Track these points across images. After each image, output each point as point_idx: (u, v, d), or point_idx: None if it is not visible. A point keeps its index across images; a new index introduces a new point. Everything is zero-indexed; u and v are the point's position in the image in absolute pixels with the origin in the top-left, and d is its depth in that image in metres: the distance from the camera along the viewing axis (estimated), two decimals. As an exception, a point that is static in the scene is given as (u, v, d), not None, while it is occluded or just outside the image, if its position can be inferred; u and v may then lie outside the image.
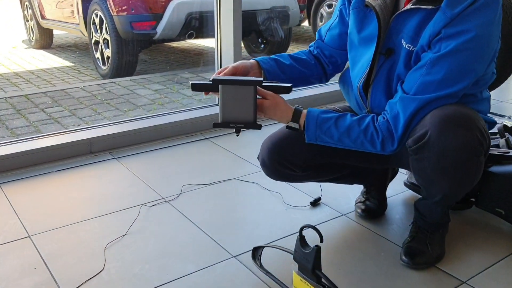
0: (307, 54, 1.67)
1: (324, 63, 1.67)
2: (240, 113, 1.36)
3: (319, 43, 1.68)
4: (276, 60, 1.59)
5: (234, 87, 1.34)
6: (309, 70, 1.65)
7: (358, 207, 1.85)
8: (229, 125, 1.37)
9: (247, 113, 1.36)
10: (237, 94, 1.34)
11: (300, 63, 1.63)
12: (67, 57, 5.49)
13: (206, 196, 1.99)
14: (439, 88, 1.33)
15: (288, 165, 1.61)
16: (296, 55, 1.65)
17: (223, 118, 1.37)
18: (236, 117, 1.36)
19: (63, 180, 2.12)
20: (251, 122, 1.37)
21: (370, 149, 1.42)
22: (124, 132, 2.47)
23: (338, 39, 1.63)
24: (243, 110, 1.35)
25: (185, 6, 4.04)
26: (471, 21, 1.28)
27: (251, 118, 1.36)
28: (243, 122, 1.36)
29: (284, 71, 1.59)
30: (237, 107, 1.35)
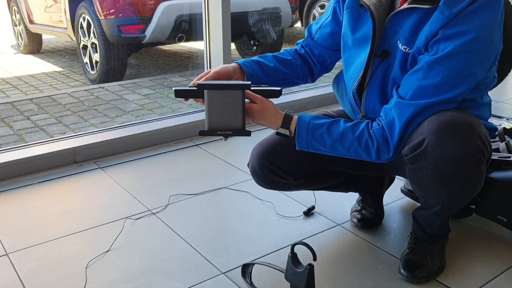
0: (293, 53, 1.58)
1: (311, 62, 1.58)
2: (228, 120, 1.27)
3: (308, 41, 1.59)
4: (259, 63, 1.50)
5: (221, 92, 1.26)
6: (294, 72, 1.56)
7: (354, 216, 1.77)
8: (216, 132, 1.28)
9: (235, 119, 1.27)
10: (224, 100, 1.26)
11: (285, 64, 1.54)
12: (56, 62, 5.39)
13: (195, 207, 1.90)
14: (437, 93, 1.25)
15: (279, 172, 1.52)
16: (281, 56, 1.56)
17: (210, 125, 1.28)
18: (223, 123, 1.28)
19: (45, 192, 2.03)
20: (239, 129, 1.28)
21: (365, 157, 1.34)
22: (110, 140, 2.38)
23: (329, 38, 1.54)
24: (231, 116, 1.27)
25: (174, 8, 3.95)
26: (471, 22, 1.20)
27: (240, 124, 1.28)
28: (231, 129, 1.28)
29: (267, 74, 1.51)
30: (224, 113, 1.27)
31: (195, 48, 5.85)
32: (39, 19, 5.39)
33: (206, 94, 1.26)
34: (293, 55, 1.58)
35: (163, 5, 3.90)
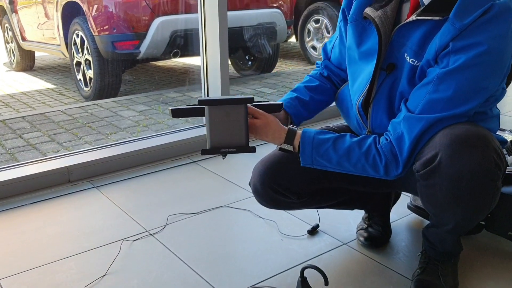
0: (319, 77, 1.56)
1: (336, 82, 1.55)
2: (231, 136, 1.21)
3: (326, 62, 1.56)
4: (298, 99, 1.49)
5: (223, 107, 1.20)
6: (328, 96, 1.54)
7: (360, 234, 1.70)
8: (220, 150, 1.22)
9: (238, 136, 1.21)
10: (226, 116, 1.20)
11: (318, 92, 1.52)
12: (49, 79, 5.32)
13: (194, 227, 1.83)
14: (448, 107, 1.19)
15: (282, 191, 1.46)
16: (311, 84, 1.53)
17: (212, 143, 1.22)
18: (226, 141, 1.22)
19: (38, 213, 1.95)
20: (243, 146, 1.22)
21: (373, 174, 1.28)
22: (105, 159, 2.30)
23: (340, 57, 1.51)
24: (234, 133, 1.21)
25: (169, 24, 3.90)
26: (483, 33, 1.15)
27: (243, 140, 1.22)
28: (234, 146, 1.22)
29: (308, 108, 1.50)
30: (227, 130, 1.21)
31: (190, 63, 5.81)
32: (31, 36, 5.34)
33: (207, 111, 1.21)
34: (320, 79, 1.55)
35: (158, 20, 3.86)
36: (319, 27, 5.60)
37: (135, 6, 3.84)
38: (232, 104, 1.20)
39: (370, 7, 1.30)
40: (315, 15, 5.54)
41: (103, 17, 3.86)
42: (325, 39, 5.59)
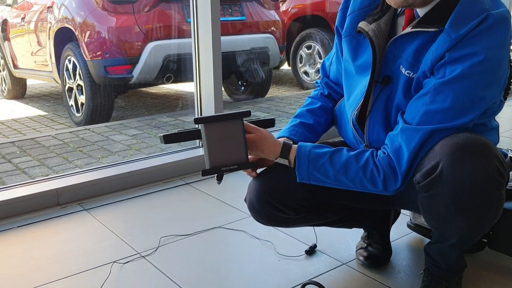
0: (320, 98, 1.53)
1: (337, 99, 1.53)
2: (230, 153, 1.18)
3: (326, 80, 1.54)
4: (302, 125, 1.46)
5: (219, 124, 1.16)
6: (331, 115, 1.52)
7: (360, 254, 1.65)
8: (221, 169, 1.18)
9: (238, 152, 1.18)
10: (223, 133, 1.16)
11: (321, 113, 1.50)
12: (40, 107, 5.28)
13: (188, 249, 1.76)
14: (446, 118, 1.16)
15: (280, 207, 1.41)
16: (313, 107, 1.51)
17: (212, 163, 1.18)
18: (226, 158, 1.18)
19: (25, 236, 1.87)
20: (244, 162, 1.18)
21: (371, 188, 1.24)
22: (95, 181, 2.24)
23: (338, 74, 1.49)
24: (233, 150, 1.17)
25: (162, 48, 3.90)
26: (479, 43, 1.12)
27: (243, 157, 1.18)
28: (235, 163, 1.18)
29: (314, 131, 1.48)
30: (225, 147, 1.17)
31: (182, 90, 5.80)
32: (23, 63, 5.32)
33: (204, 129, 1.17)
34: (321, 99, 1.53)
35: (151, 45, 3.85)
36: (311, 53, 5.64)
37: (128, 31, 3.84)
38: (228, 119, 1.17)
39: (363, 21, 1.29)
40: (307, 41, 5.58)
41: (96, 42, 3.85)
42: (317, 64, 5.62)
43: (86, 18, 3.92)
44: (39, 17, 4.73)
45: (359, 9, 1.32)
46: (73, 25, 4.02)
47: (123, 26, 3.84)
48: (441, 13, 1.17)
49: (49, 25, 4.40)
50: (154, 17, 3.90)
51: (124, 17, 3.86)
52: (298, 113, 1.51)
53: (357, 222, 1.66)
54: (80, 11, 4.03)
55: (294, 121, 1.48)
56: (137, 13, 3.86)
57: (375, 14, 1.28)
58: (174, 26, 3.99)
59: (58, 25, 4.24)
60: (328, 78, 1.53)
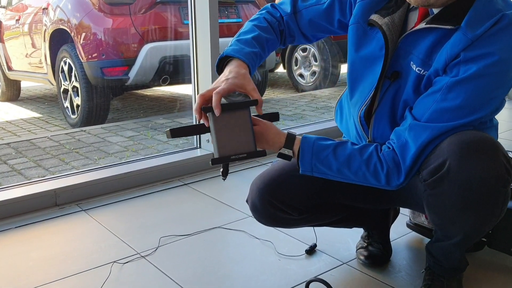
0: (276, 27, 1.40)
1: (285, 37, 1.43)
2: (239, 142, 1.17)
3: (290, 17, 1.42)
4: (260, 56, 1.32)
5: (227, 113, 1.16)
6: (272, 49, 1.40)
7: (360, 253, 1.65)
8: (230, 158, 1.17)
9: (246, 141, 1.17)
10: (231, 121, 1.16)
11: (271, 47, 1.38)
12: (35, 109, 5.25)
13: (188, 249, 1.76)
14: (456, 116, 1.16)
15: (282, 207, 1.41)
16: (269, 37, 1.36)
17: (220, 151, 1.17)
18: (234, 147, 1.17)
19: (23, 237, 1.86)
20: (253, 151, 1.18)
21: (374, 182, 1.23)
22: (93, 181, 2.23)
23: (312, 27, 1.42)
24: (241, 138, 1.17)
25: (158, 50, 3.89)
26: (494, 44, 1.13)
27: (252, 145, 1.18)
28: (244, 151, 1.17)
29: (259, 63, 1.35)
30: (233, 136, 1.17)
31: (177, 92, 5.80)
32: (18, 65, 5.29)
33: (212, 119, 1.17)
34: (276, 32, 1.40)
35: (147, 46, 3.84)
36: (306, 55, 5.65)
37: (125, 33, 3.83)
38: (236, 109, 1.17)
39: (376, 14, 1.27)
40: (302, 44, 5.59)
41: (92, 44, 3.84)
42: (313, 67, 5.63)
43: (82, 20, 3.90)
44: (34, 18, 4.71)
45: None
46: (68, 27, 4.01)
47: (120, 28, 3.83)
48: (457, 11, 1.16)
49: (44, 27, 4.39)
50: (150, 19, 3.90)
51: (121, 19, 3.85)
52: (257, 35, 1.34)
53: (358, 221, 1.66)
54: (76, 12, 4.02)
55: (254, 48, 1.31)
56: (133, 15, 3.85)
57: (389, 7, 1.27)
58: (170, 28, 3.99)
59: (53, 26, 4.23)
60: (294, 16, 1.42)
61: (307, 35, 1.46)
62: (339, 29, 1.42)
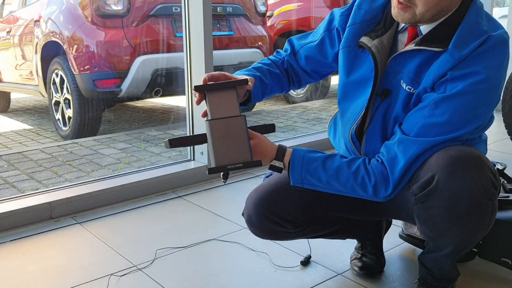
0: (280, 66, 1.50)
1: (290, 79, 1.52)
2: (235, 152, 1.20)
3: (290, 57, 1.51)
4: (261, 80, 1.40)
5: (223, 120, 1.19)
6: (281, 88, 1.50)
7: (355, 264, 1.68)
8: (226, 167, 1.20)
9: (242, 150, 1.20)
10: (227, 129, 1.19)
11: (276, 80, 1.47)
12: (24, 120, 5.24)
13: (184, 261, 1.77)
14: (443, 131, 1.21)
15: (278, 221, 1.43)
16: (273, 70, 1.46)
17: (217, 160, 1.20)
18: (231, 157, 1.20)
19: (19, 250, 1.86)
20: (249, 161, 1.21)
21: (362, 194, 1.27)
22: (88, 194, 2.24)
23: (306, 61, 1.49)
24: (237, 148, 1.20)
25: (151, 62, 3.92)
26: (480, 63, 1.18)
27: (248, 155, 1.21)
28: (240, 161, 1.20)
29: (263, 92, 1.43)
30: (230, 145, 1.20)
31: (168, 104, 5.82)
32: (8, 77, 5.28)
33: (208, 126, 1.20)
34: (281, 69, 1.49)
35: (140, 59, 3.87)
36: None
37: (117, 45, 3.85)
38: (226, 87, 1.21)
39: (366, 36, 1.32)
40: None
41: (84, 56, 3.85)
42: (303, 79, 5.69)
43: (75, 32, 3.92)
44: (25, 30, 4.71)
45: (360, 23, 1.35)
46: (61, 39, 4.02)
47: (112, 40, 3.85)
48: (444, 33, 1.22)
49: (36, 39, 4.39)
50: (143, 32, 3.93)
51: (113, 31, 3.87)
52: (259, 68, 1.44)
53: (351, 233, 1.69)
54: (68, 25, 4.04)
55: (254, 72, 1.41)
56: (126, 28, 3.88)
57: (378, 30, 1.32)
58: (162, 40, 4.02)
59: (45, 38, 4.23)
60: (294, 56, 1.51)
61: (309, 72, 1.52)
62: (334, 62, 1.47)
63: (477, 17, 1.23)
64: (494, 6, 4.76)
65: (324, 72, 1.54)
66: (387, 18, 1.32)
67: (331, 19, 1.45)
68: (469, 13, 1.22)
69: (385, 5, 1.35)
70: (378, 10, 1.35)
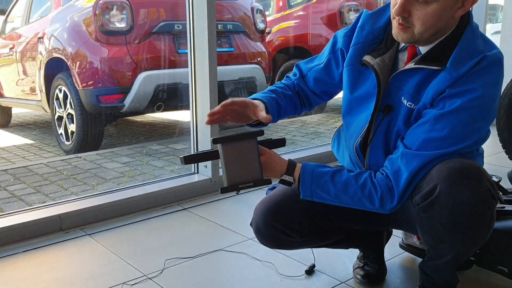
0: (292, 89, 1.58)
1: (302, 101, 1.60)
2: (246, 171, 1.27)
3: (300, 81, 1.59)
4: (277, 102, 1.49)
5: (236, 143, 1.26)
6: (294, 109, 1.58)
7: (357, 273, 1.74)
8: (238, 187, 1.26)
9: (253, 170, 1.27)
10: (239, 151, 1.26)
11: (290, 103, 1.55)
12: (26, 135, 5.30)
13: (192, 271, 1.83)
14: (443, 145, 1.29)
15: (286, 230, 1.50)
16: (287, 93, 1.55)
17: (230, 180, 1.26)
18: (242, 176, 1.27)
19: (32, 260, 1.92)
20: (260, 179, 1.28)
21: (369, 206, 1.34)
22: (96, 206, 2.30)
23: (314, 83, 1.57)
24: (249, 167, 1.27)
25: (153, 78, 4.00)
26: (476, 81, 1.26)
27: (259, 174, 1.28)
28: (251, 180, 1.27)
29: (279, 113, 1.51)
30: (241, 165, 1.26)
31: (167, 118, 5.89)
32: (10, 92, 5.35)
33: (221, 149, 1.26)
34: (293, 91, 1.58)
35: (143, 74, 3.95)
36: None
37: (120, 62, 3.94)
38: (244, 139, 1.26)
39: (368, 55, 1.41)
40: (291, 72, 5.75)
41: (88, 72, 3.93)
42: (301, 94, 5.79)
43: (79, 49, 4.01)
44: (29, 47, 4.80)
45: (363, 42, 1.44)
46: (64, 55, 4.11)
47: (116, 57, 3.94)
48: (442, 52, 1.30)
49: (40, 56, 4.47)
50: (145, 48, 4.01)
51: (117, 48, 3.96)
52: (274, 90, 1.53)
53: (354, 243, 1.76)
54: (72, 41, 4.13)
55: (271, 94, 1.50)
56: (129, 44, 3.97)
57: (379, 49, 1.41)
58: (165, 56, 4.11)
59: (49, 55, 4.31)
60: (303, 80, 1.59)
61: (318, 93, 1.59)
62: (341, 82, 1.54)
63: (473, 38, 1.32)
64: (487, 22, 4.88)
65: (332, 92, 1.62)
66: (388, 38, 1.41)
67: (334, 41, 1.54)
68: (466, 34, 1.31)
69: (386, 26, 1.43)
70: (380, 30, 1.44)
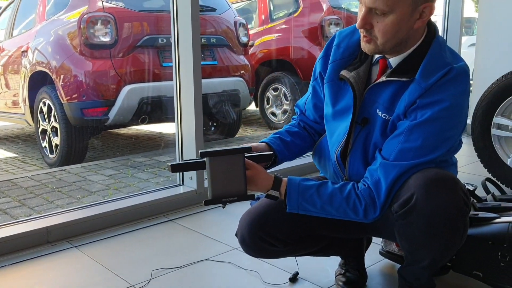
0: (297, 126, 1.70)
1: (311, 133, 1.70)
2: (231, 186, 1.31)
3: (302, 116, 1.71)
4: (280, 139, 1.61)
5: (223, 157, 1.31)
6: (305, 142, 1.68)
7: (339, 279, 1.80)
8: (222, 200, 1.31)
9: (238, 184, 1.32)
10: (226, 166, 1.31)
11: (297, 137, 1.66)
12: (8, 148, 5.27)
13: (179, 281, 1.87)
14: (419, 155, 1.36)
15: (270, 240, 1.56)
16: (291, 129, 1.67)
17: (214, 193, 1.31)
18: (227, 190, 1.31)
19: (19, 273, 1.94)
20: (243, 194, 1.32)
21: (353, 217, 1.41)
22: (83, 219, 2.33)
23: (314, 111, 1.66)
24: (234, 182, 1.31)
25: (137, 91, 4.04)
26: (445, 92, 1.35)
27: (243, 189, 1.32)
28: (235, 194, 1.32)
29: (289, 148, 1.62)
30: (227, 179, 1.31)
31: (151, 130, 5.92)
32: (-8, 106, 5.33)
33: (208, 162, 1.30)
34: (299, 128, 1.69)
35: (127, 88, 3.99)
36: (277, 94, 5.89)
37: (105, 75, 3.97)
38: (231, 154, 1.31)
39: (345, 70, 1.49)
40: (274, 83, 5.85)
41: (72, 85, 3.96)
42: (284, 106, 5.87)
43: (64, 62, 4.03)
44: (12, 60, 4.80)
45: (340, 59, 1.52)
46: (49, 69, 4.13)
47: (100, 70, 3.97)
48: (411, 65, 1.39)
49: (24, 69, 4.48)
50: (129, 62, 4.06)
51: (101, 62, 4.00)
52: (278, 131, 1.67)
53: (335, 250, 1.82)
54: (56, 55, 4.15)
55: (274, 135, 1.64)
56: (113, 58, 4.01)
57: (355, 63, 1.49)
58: (149, 70, 4.15)
59: (33, 68, 4.33)
60: (304, 115, 1.71)
61: (318, 120, 1.67)
62: None
63: (440, 51, 1.40)
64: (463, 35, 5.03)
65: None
66: (362, 52, 1.49)
67: (314, 69, 1.64)
68: (433, 47, 1.40)
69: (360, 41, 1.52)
70: (355, 47, 1.52)
